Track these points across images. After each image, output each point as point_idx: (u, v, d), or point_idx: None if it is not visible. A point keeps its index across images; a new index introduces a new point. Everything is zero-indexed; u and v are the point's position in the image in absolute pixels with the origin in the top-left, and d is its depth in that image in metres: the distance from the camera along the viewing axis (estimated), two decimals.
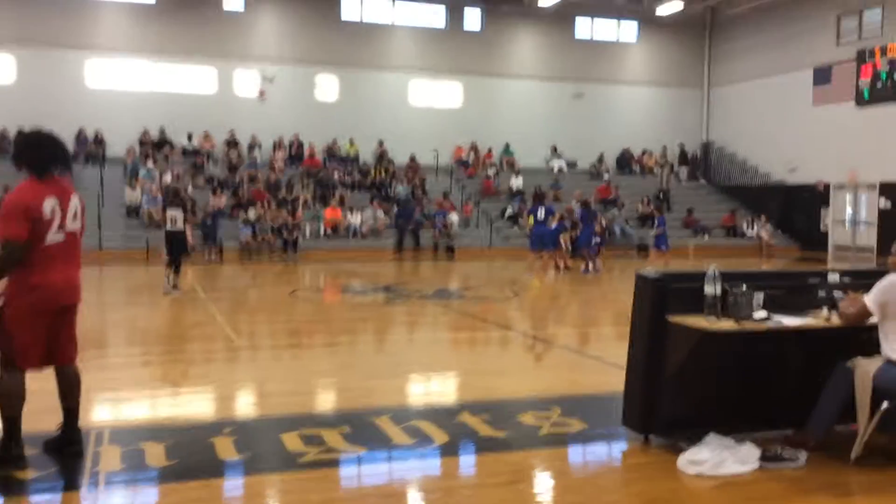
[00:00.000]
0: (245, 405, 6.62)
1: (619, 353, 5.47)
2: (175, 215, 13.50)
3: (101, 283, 17.00)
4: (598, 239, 19.40)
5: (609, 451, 5.24)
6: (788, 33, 27.58)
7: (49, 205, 4.52)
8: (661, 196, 28.22)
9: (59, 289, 4.61)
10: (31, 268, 4.50)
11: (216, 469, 4.70)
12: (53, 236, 4.56)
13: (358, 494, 4.37)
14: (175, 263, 13.57)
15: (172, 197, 14.64)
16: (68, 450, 4.78)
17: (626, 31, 30.65)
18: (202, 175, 24.49)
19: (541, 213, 17.53)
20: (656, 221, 19.43)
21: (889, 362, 4.73)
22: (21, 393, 4.60)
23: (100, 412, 6.18)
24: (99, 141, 24.87)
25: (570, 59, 29.70)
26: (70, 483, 4.50)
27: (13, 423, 4.57)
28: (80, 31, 24.92)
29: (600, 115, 29.87)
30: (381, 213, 24.07)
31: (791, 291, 5.19)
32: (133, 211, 22.68)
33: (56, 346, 4.70)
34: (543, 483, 4.69)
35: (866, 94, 24.77)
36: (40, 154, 4.63)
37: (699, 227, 26.68)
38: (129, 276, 17.80)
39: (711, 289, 4.76)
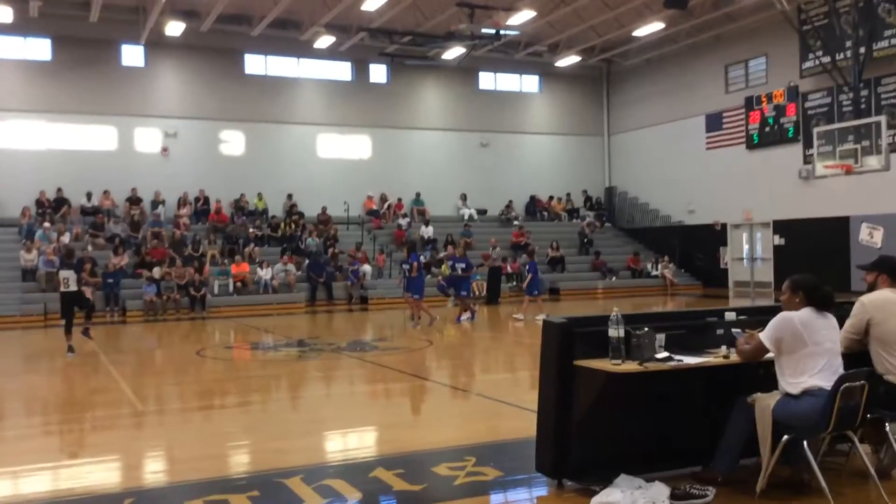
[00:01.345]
0: (148, 473, 6.34)
1: (532, 397, 5.50)
2: (67, 276, 13.18)
3: None
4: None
5: (523, 499, 5.23)
6: (680, 83, 28.96)
7: None
8: (585, 241, 28.90)
9: None
10: None
11: None
12: None
13: None
14: (69, 325, 13.21)
15: (65, 258, 14.16)
16: None
17: (527, 82, 31.55)
18: (103, 234, 23.71)
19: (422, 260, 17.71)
20: (528, 268, 19.46)
21: (786, 396, 4.90)
22: None
23: None
24: None
25: (475, 110, 30.32)
26: None
27: None
28: None
29: (507, 164, 30.49)
30: (292, 267, 23.76)
31: (691, 331, 5.35)
32: (29, 274, 21.70)
33: None
34: None
35: (755, 138, 26.10)
36: None
37: (606, 269, 27.36)
38: (26, 342, 16.94)
39: (615, 332, 4.86)
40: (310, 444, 6.96)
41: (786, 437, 4.79)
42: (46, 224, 23.18)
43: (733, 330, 5.33)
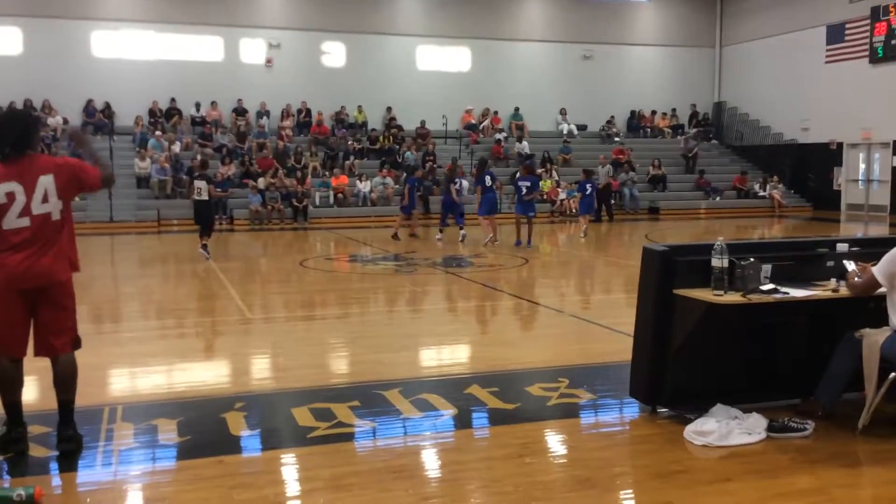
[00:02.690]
0: (256, 379, 6.69)
1: (628, 320, 5.48)
2: (200, 186, 14.15)
3: (113, 254, 17.14)
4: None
5: (616, 423, 5.27)
6: None
7: (3, 190, 4.33)
8: (688, 159, 27.95)
9: (17, 272, 4.35)
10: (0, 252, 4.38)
11: (228, 445, 4.76)
12: (15, 222, 4.35)
13: (367, 469, 4.42)
14: (202, 231, 14.31)
15: (200, 168, 15.17)
16: (59, 447, 4.58)
17: None
18: (211, 144, 24.47)
19: (488, 179, 17.13)
20: (580, 186, 18.84)
21: None
22: (4, 379, 4.49)
23: (112, 388, 6.26)
24: (107, 111, 24.86)
25: (580, 19, 29.30)
26: (82, 461, 4.55)
27: (7, 408, 4.56)
28: (85, 1, 24.76)
29: (610, 77, 29.55)
30: (390, 180, 24.03)
31: (799, 262, 5.16)
32: (143, 181, 22.73)
33: (37, 335, 4.55)
34: (550, 456, 4.73)
35: (880, 52, 24.37)
36: None
37: (710, 188, 26.52)
38: (141, 247, 17.90)
39: (718, 262, 4.74)
40: (407, 357, 7.18)
41: (893, 374, 4.64)
42: (158, 133, 24.08)
43: (845, 262, 5.11)
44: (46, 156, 4.56)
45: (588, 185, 18.58)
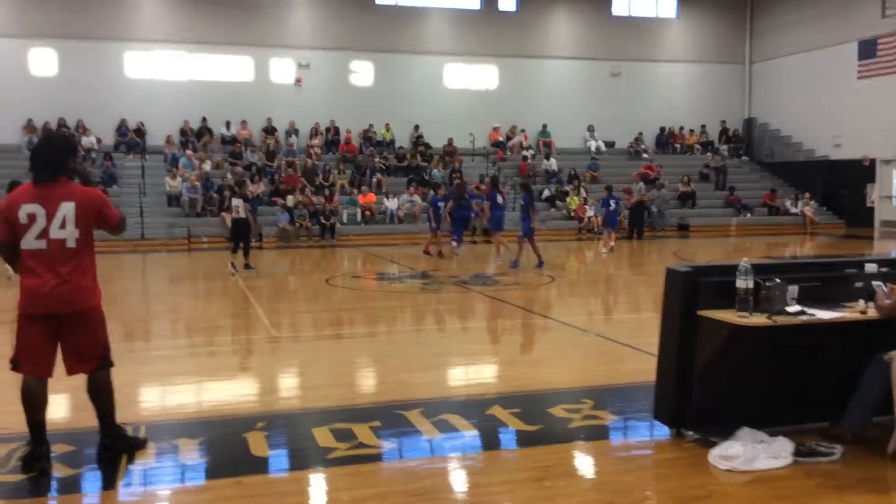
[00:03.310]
0: (278, 399, 6.69)
1: (653, 340, 5.40)
2: (238, 204, 14.62)
3: (144, 271, 17.34)
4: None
5: (640, 446, 5.18)
6: (832, 6, 26.87)
7: (26, 211, 4.44)
8: (716, 175, 27.74)
9: (33, 296, 4.48)
10: (21, 273, 4.56)
11: (249, 466, 4.76)
12: (32, 243, 4.46)
13: (386, 491, 4.39)
14: (236, 248, 14.84)
15: (236, 188, 15.60)
16: (99, 455, 4.83)
17: (664, 7, 30.10)
18: (240, 163, 24.74)
19: (499, 198, 17.10)
20: (603, 202, 19.05)
21: None
22: (29, 398, 4.57)
23: (138, 407, 6.29)
24: (140, 131, 25.24)
25: (608, 37, 29.29)
26: (103, 481, 4.59)
27: (32, 426, 4.62)
28: (119, 23, 25.25)
29: (638, 94, 29.45)
30: (417, 198, 24.08)
31: (827, 283, 5.07)
32: (174, 200, 23.01)
33: (64, 357, 4.67)
34: (571, 480, 4.66)
35: None
36: (31, 160, 4.62)
37: (740, 205, 26.24)
38: (171, 265, 18.09)
39: (743, 283, 4.66)
40: (430, 377, 7.14)
41: None
42: (189, 152, 24.39)
43: (874, 283, 5.01)
44: (75, 184, 4.66)
45: (611, 201, 18.57)
